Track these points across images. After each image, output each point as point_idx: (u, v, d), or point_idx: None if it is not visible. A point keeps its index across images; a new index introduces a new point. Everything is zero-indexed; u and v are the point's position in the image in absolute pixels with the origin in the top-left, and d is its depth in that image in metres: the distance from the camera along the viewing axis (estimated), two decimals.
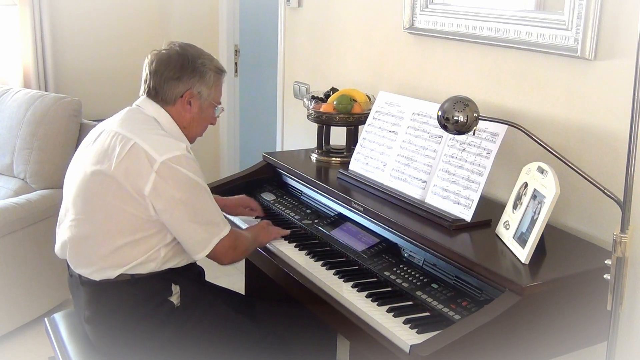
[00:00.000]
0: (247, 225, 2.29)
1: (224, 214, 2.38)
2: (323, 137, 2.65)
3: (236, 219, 2.38)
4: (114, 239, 1.87)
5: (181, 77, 1.98)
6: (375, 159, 2.29)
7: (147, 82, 2.01)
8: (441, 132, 2.03)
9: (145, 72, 2.02)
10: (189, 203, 1.88)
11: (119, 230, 1.87)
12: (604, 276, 1.58)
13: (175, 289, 1.95)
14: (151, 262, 1.90)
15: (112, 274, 1.89)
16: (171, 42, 2.05)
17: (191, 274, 2.04)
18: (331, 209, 2.33)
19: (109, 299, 1.92)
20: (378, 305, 1.78)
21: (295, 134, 3.37)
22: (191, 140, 2.07)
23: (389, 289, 1.88)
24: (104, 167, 1.87)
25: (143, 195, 1.83)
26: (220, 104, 2.11)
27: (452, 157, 2.02)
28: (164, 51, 2.01)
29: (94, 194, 1.90)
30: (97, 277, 1.91)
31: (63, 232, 2.00)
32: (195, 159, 1.93)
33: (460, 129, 1.76)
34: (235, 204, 2.41)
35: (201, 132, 2.11)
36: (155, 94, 2.00)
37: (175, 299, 1.95)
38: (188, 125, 2.04)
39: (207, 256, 1.95)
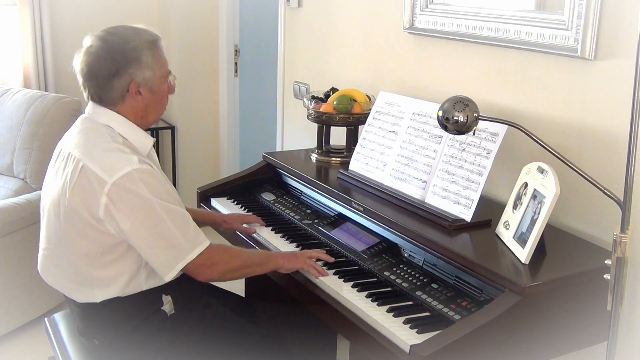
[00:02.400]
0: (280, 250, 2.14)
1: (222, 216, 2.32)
2: (323, 137, 2.65)
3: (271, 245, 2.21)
4: (83, 267, 1.83)
5: (118, 73, 1.82)
6: (375, 159, 2.29)
7: (86, 89, 1.88)
8: (441, 132, 2.03)
9: (79, 78, 1.87)
10: (142, 227, 1.75)
11: (86, 256, 1.81)
12: (604, 276, 1.58)
13: (167, 299, 1.91)
14: (134, 281, 1.85)
15: (94, 297, 1.85)
16: (90, 35, 1.87)
17: (183, 280, 1.93)
18: (331, 209, 2.33)
19: (96, 316, 1.88)
20: (378, 305, 1.78)
21: (295, 134, 3.37)
22: (155, 120, 1.96)
23: (389, 289, 1.88)
24: (62, 199, 1.79)
25: (99, 220, 1.75)
26: (170, 73, 1.94)
27: (452, 157, 2.02)
28: (88, 50, 1.85)
29: (58, 224, 1.83)
30: (79, 299, 1.88)
31: (39, 256, 1.97)
32: (151, 171, 1.78)
33: (460, 129, 1.76)
34: (231, 218, 2.30)
35: (162, 109, 1.96)
36: (99, 99, 1.86)
37: (167, 307, 1.92)
38: (145, 114, 1.90)
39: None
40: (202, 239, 1.86)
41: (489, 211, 1.99)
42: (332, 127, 2.65)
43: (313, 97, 2.66)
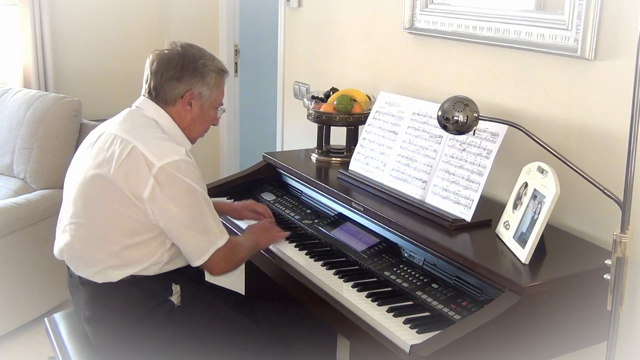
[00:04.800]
0: (247, 226, 2.27)
1: (228, 219, 2.38)
2: (323, 137, 2.65)
3: (242, 223, 2.35)
4: (112, 242, 1.87)
5: (181, 78, 1.97)
6: (376, 159, 2.29)
7: (148, 82, 2.00)
8: (441, 132, 2.03)
9: (146, 72, 2.01)
10: (185, 211, 1.86)
11: (117, 234, 1.86)
12: (604, 276, 1.58)
13: (176, 288, 1.94)
14: (154, 265, 1.90)
15: (113, 276, 1.88)
16: (173, 42, 2.03)
17: (191, 273, 2.01)
18: (331, 209, 2.33)
19: (108, 299, 1.92)
20: (378, 305, 1.78)
21: (295, 134, 3.37)
22: (192, 140, 2.07)
23: (389, 289, 1.88)
24: (104, 171, 1.86)
25: (142, 199, 1.83)
26: (222, 104, 2.09)
27: (452, 157, 2.02)
28: (165, 51, 2.00)
29: (93, 197, 1.89)
30: (98, 279, 1.91)
31: (62, 234, 2.00)
32: (195, 164, 1.92)
33: (460, 129, 1.76)
34: (242, 208, 2.37)
35: (202, 132, 2.10)
36: (155, 94, 1.98)
37: (175, 298, 1.94)
38: (189, 126, 2.02)
39: (199, 265, 1.95)
40: (224, 230, 1.98)
41: (489, 211, 1.99)
42: (332, 127, 2.65)
43: (313, 97, 2.66)
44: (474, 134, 1.82)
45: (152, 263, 1.90)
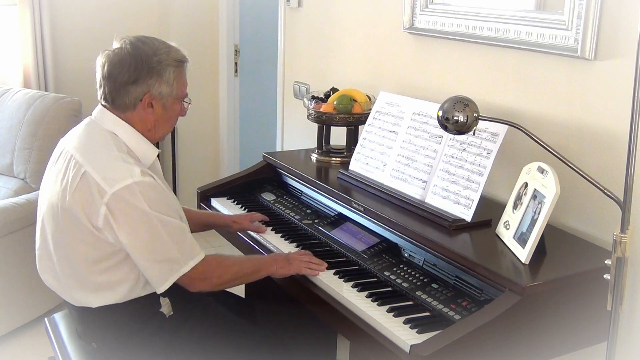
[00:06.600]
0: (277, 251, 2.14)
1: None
2: (323, 137, 2.65)
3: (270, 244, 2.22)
4: (81, 270, 1.82)
5: (137, 80, 1.82)
6: (376, 159, 2.29)
7: (102, 87, 1.86)
8: (441, 132, 2.03)
9: (98, 76, 1.86)
10: (139, 240, 1.75)
11: (84, 262, 1.80)
12: (604, 276, 1.58)
13: (164, 300, 1.90)
14: (131, 291, 1.84)
15: (89, 302, 1.84)
16: (122, 38, 1.87)
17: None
18: (331, 209, 2.33)
19: (96, 318, 1.88)
20: (378, 305, 1.78)
21: (295, 134, 3.37)
22: (161, 138, 1.97)
23: (389, 289, 1.88)
24: (61, 201, 1.79)
25: (98, 228, 1.75)
26: (186, 96, 1.94)
27: (452, 157, 2.02)
28: (115, 51, 1.84)
29: (57, 228, 1.83)
30: (75, 302, 1.88)
31: (37, 255, 1.96)
32: (152, 183, 1.77)
33: (460, 129, 1.76)
34: (240, 218, 2.30)
35: (170, 128, 1.99)
36: (111, 101, 1.85)
37: (166, 309, 1.91)
38: (153, 128, 1.90)
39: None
40: (197, 251, 1.85)
41: (489, 211, 1.99)
42: (332, 127, 2.65)
43: (313, 97, 2.66)
44: (474, 134, 1.82)
45: (130, 288, 1.83)
